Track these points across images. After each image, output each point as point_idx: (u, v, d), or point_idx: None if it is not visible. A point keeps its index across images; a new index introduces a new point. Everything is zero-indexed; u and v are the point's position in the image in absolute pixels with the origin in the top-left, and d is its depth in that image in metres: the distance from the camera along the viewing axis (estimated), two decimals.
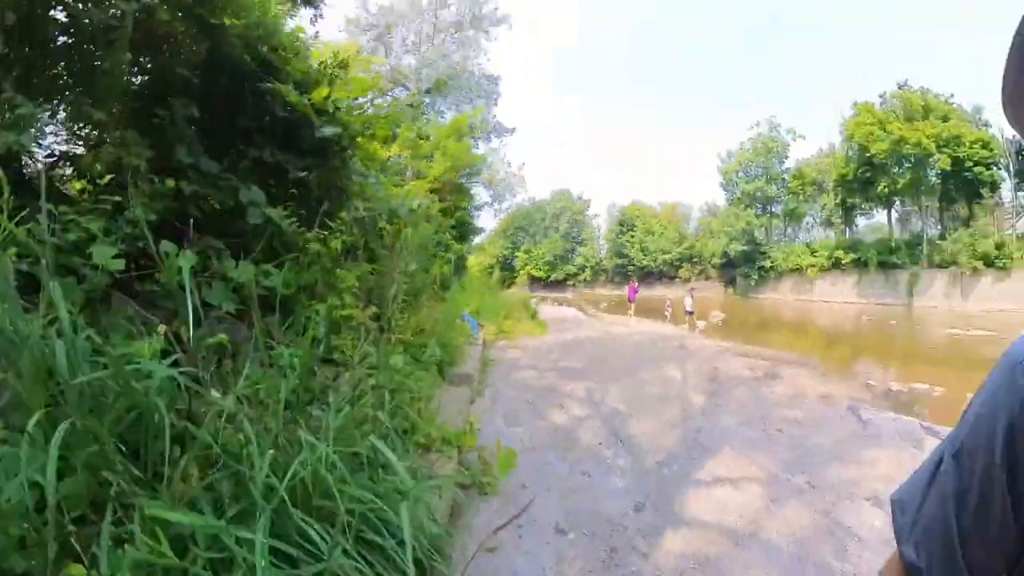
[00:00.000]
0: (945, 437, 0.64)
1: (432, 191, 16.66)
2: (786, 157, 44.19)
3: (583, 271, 56.40)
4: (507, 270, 65.02)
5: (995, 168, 31.97)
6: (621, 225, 53.35)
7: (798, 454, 4.95)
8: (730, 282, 44.28)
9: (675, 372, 8.71)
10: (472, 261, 68.22)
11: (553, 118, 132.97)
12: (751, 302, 39.17)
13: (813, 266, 38.45)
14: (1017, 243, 29.69)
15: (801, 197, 43.72)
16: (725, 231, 43.95)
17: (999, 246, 29.45)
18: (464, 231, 20.49)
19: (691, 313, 18.36)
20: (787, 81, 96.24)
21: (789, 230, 47.94)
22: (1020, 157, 31.38)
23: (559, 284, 57.21)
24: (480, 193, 35.53)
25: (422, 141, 17.77)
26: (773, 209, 45.68)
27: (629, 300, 20.57)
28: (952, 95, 32.64)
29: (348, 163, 5.13)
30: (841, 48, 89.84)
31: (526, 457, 4.57)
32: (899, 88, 33.43)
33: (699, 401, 6.89)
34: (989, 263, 29.18)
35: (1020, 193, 32.98)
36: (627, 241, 51.08)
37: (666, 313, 18.95)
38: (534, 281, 59.89)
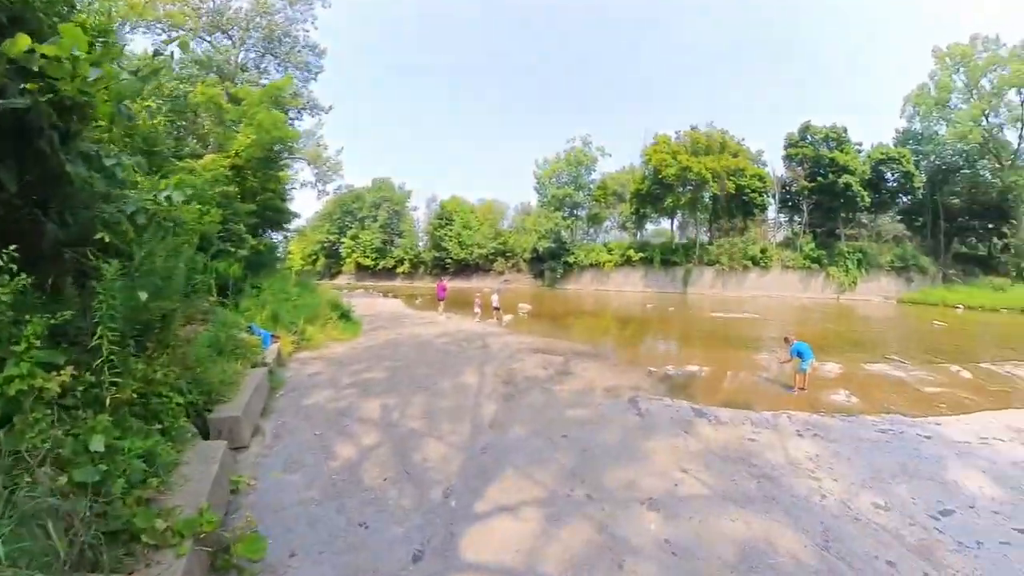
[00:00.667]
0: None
1: (234, 168, 14.50)
2: (593, 170, 51.46)
3: (402, 263, 55.24)
4: (333, 257, 60.51)
5: (765, 195, 43.33)
6: (440, 219, 53.77)
7: (581, 460, 5.48)
8: (539, 275, 48.93)
9: (473, 378, 9.06)
10: (294, 248, 60.91)
11: (377, 105, 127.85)
12: (557, 292, 44.00)
13: (609, 261, 45.97)
14: (775, 249, 42.21)
15: (603, 204, 51.80)
16: (536, 230, 48.46)
17: (763, 251, 41.39)
18: (276, 218, 18.24)
19: (498, 308, 19.56)
20: (608, 104, 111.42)
21: (591, 231, 55.77)
22: (783, 190, 43.87)
23: (388, 273, 55.49)
24: (304, 171, 32.20)
25: (228, 106, 15.11)
26: (578, 213, 52.43)
27: (439, 298, 20.79)
28: (744, 138, 44.13)
29: (71, 145, 3.81)
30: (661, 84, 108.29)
31: (301, 512, 4.19)
32: (691, 128, 43.55)
33: (491, 411, 7.23)
34: (756, 263, 40.83)
35: (780, 215, 47.49)
36: (445, 235, 51.78)
37: (476, 310, 19.61)
38: (362, 269, 57.31)
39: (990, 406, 8.78)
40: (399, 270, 54.60)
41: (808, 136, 41.87)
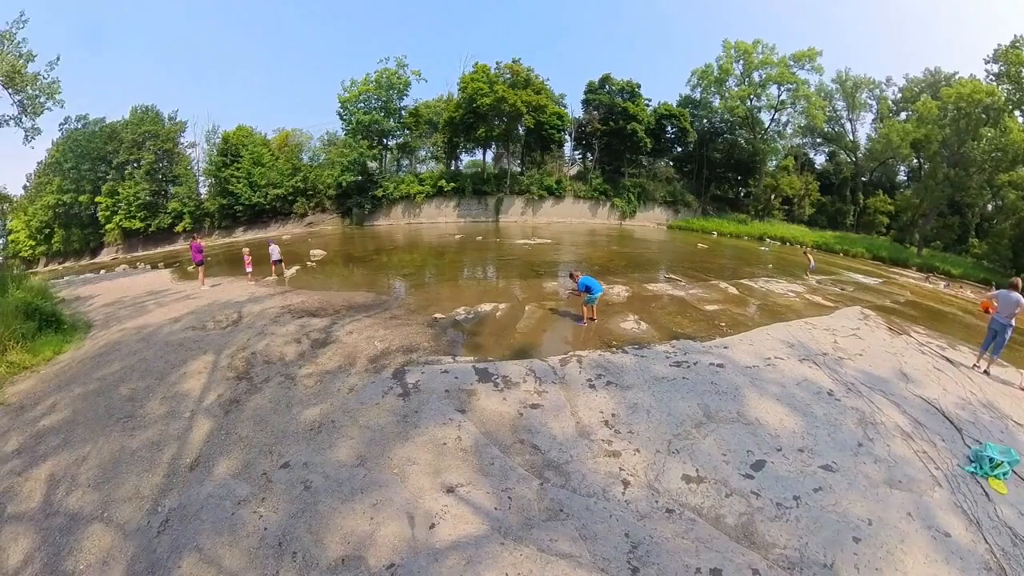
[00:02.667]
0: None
1: None
2: (406, 95, 45.42)
3: (180, 218, 41.20)
4: (84, 227, 44.10)
5: (563, 133, 48.09)
6: (224, 155, 41.57)
7: (296, 509, 4.15)
8: (346, 213, 43.27)
9: (198, 381, 6.98)
10: (16, 224, 42.68)
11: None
12: (367, 231, 39.89)
13: (420, 193, 43.31)
14: (568, 182, 48.57)
15: (416, 133, 48.01)
16: (340, 161, 42.26)
17: (558, 182, 47.11)
18: None
19: (278, 261, 16.92)
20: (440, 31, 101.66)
21: (404, 162, 51.41)
22: (579, 130, 50.17)
23: (166, 234, 41.78)
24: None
25: None
26: (388, 142, 46.86)
27: (195, 263, 15.80)
28: (548, 79, 45.38)
29: None
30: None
31: None
32: (512, 61, 43.17)
33: (201, 436, 5.51)
34: (552, 192, 46.39)
35: (575, 153, 55.56)
36: (232, 175, 40.50)
37: (247, 268, 16.26)
38: (132, 236, 42.23)
39: (761, 320, 10.18)
40: (179, 228, 40.65)
41: (607, 86, 48.52)
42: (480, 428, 5.30)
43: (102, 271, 26.23)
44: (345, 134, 44.57)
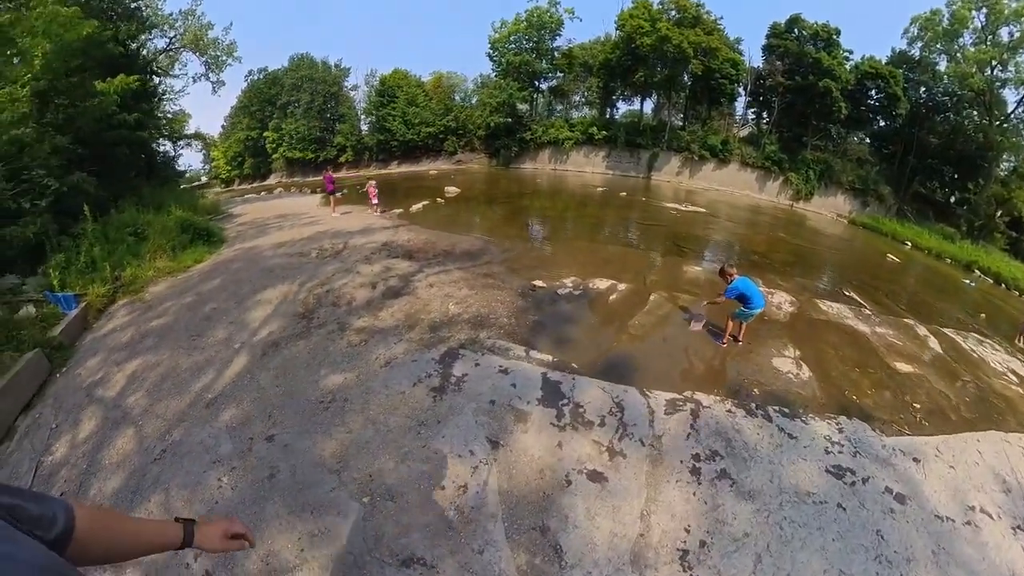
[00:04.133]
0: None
1: (38, 96, 11.11)
2: (559, 35, 42.80)
3: (344, 151, 47.60)
4: (260, 156, 53.22)
5: (736, 85, 38.32)
6: (382, 96, 45.61)
7: (245, 512, 3.56)
8: (494, 154, 43.88)
9: (264, 311, 7.08)
10: (217, 153, 54.21)
11: None
12: (511, 172, 40.05)
13: (569, 139, 41.01)
14: (736, 144, 38.63)
15: (569, 76, 44.85)
16: (489, 102, 42.18)
17: (724, 142, 38.09)
18: (131, 137, 14.59)
19: (376, 203, 16.83)
20: None
21: (558, 108, 48.98)
22: (757, 83, 39.03)
23: (331, 164, 46.64)
24: (192, 63, 26.35)
25: None
26: (540, 84, 45.28)
27: (328, 192, 17.12)
28: (721, 17, 38.34)
29: None
30: None
31: None
32: None
33: (232, 374, 5.46)
34: (715, 154, 37.87)
35: (749, 111, 43.57)
36: (388, 114, 44.45)
37: (372, 201, 16.78)
38: (295, 164, 49.42)
39: (968, 415, 6.22)
40: (342, 159, 47.59)
41: (795, 29, 36.54)
42: (500, 481, 3.85)
43: (262, 192, 30.76)
44: (495, 76, 44.17)
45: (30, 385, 5.69)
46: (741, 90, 40.29)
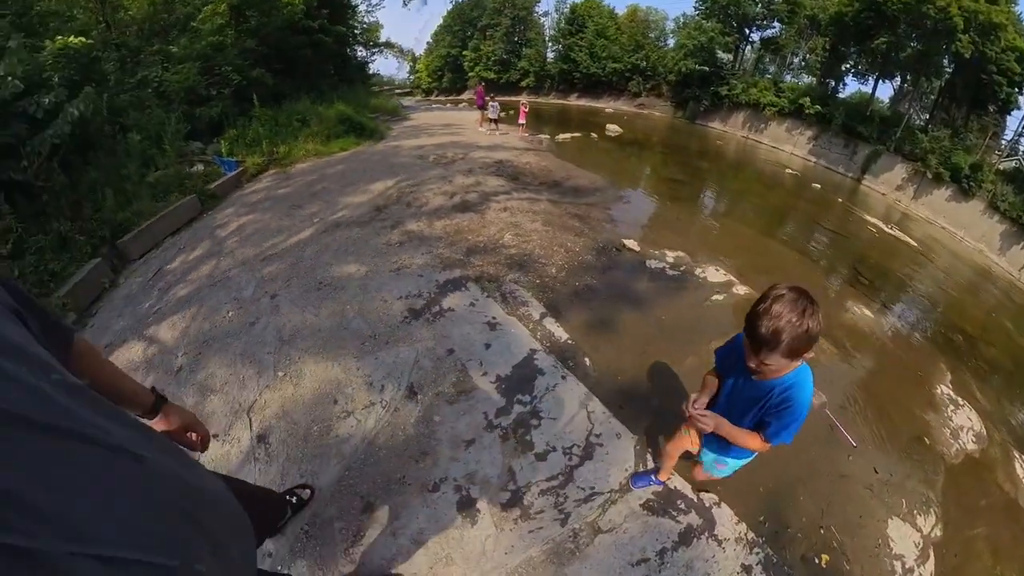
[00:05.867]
0: None
1: (233, 8, 13.38)
2: None
3: (527, 75, 48.38)
4: (458, 72, 56.88)
5: (1019, 91, 24.88)
6: (571, 24, 44.17)
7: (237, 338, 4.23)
8: (681, 104, 38.92)
9: (354, 198, 7.74)
10: (422, 65, 59.83)
11: None
12: (694, 129, 35.21)
13: (773, 107, 33.05)
14: (992, 176, 23.72)
15: (789, 30, 35.49)
16: (684, 43, 36.99)
17: (975, 167, 23.82)
18: (319, 40, 16.84)
19: (494, 120, 16.32)
20: None
21: (771, 66, 39.84)
22: None
23: (513, 87, 48.88)
24: None
25: None
26: (751, 33, 37.74)
27: (478, 107, 17.29)
28: None
29: None
30: None
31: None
32: None
33: (300, 238, 6.03)
34: (955, 179, 24.23)
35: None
36: (575, 43, 42.96)
37: (520, 121, 16.65)
38: (486, 83, 51.83)
39: None
40: (524, 83, 48.58)
41: None
42: (381, 436, 3.34)
43: (447, 104, 32.79)
44: (697, 15, 37.75)
45: (182, 218, 7.48)
46: (1023, 100, 25.79)
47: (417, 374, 3.79)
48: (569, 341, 4.35)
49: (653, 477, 3.08)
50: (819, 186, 21.70)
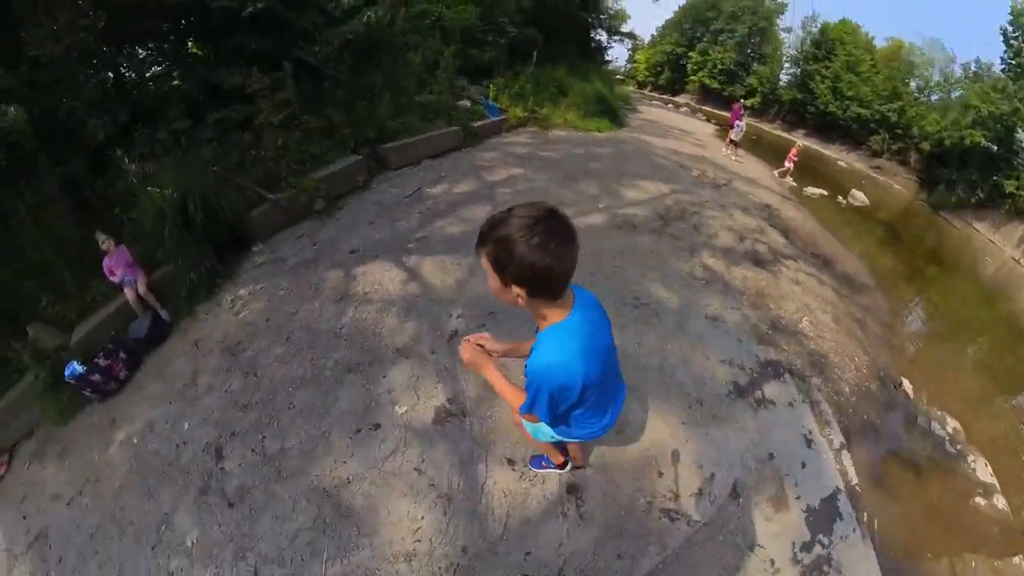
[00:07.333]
0: None
1: None
2: None
3: (752, 94, 41.51)
4: (678, 72, 52.19)
5: None
6: (817, 47, 36.03)
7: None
8: (931, 183, 27.74)
9: (633, 193, 7.10)
10: (641, 56, 56.73)
11: None
12: (938, 223, 23.50)
13: None
14: None
15: None
16: (970, 105, 26.25)
17: None
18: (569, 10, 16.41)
19: (734, 142, 13.55)
20: None
21: None
22: None
23: (736, 102, 42.83)
24: None
25: None
26: None
27: (730, 125, 14.08)
28: None
29: None
30: None
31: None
32: None
33: (582, 222, 5.46)
34: None
35: None
36: (817, 72, 34.90)
37: (786, 164, 14.20)
38: (706, 92, 46.85)
39: None
40: (748, 102, 40.94)
41: None
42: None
43: (668, 104, 30.98)
44: (1005, 68, 26.62)
45: (444, 145, 7.90)
46: None
47: (742, 471, 3.20)
48: (857, 487, 3.61)
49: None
50: None
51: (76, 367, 4.07)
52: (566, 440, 2.11)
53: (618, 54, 64.35)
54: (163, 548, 3.00)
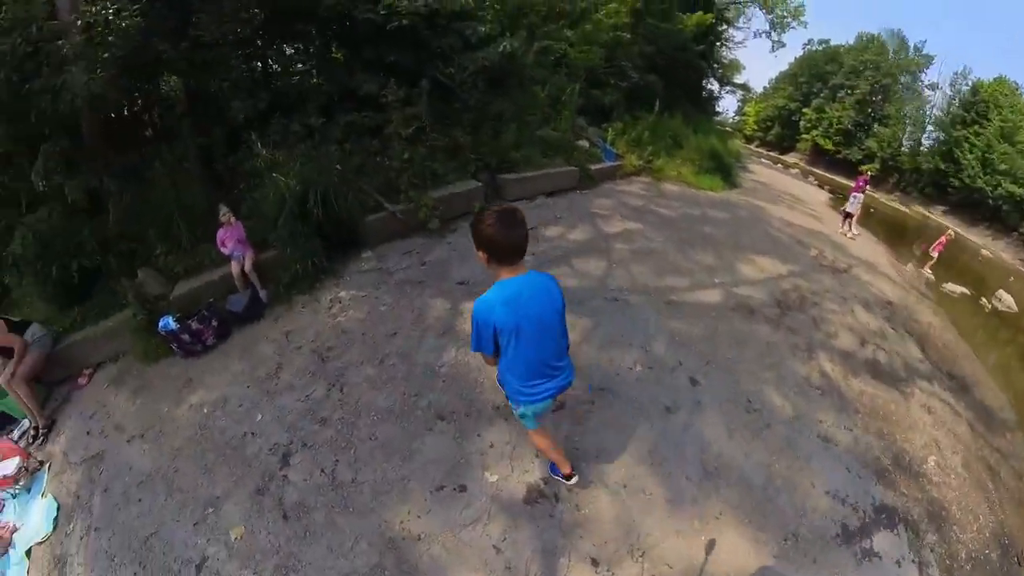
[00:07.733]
0: None
1: (634, 13, 13.44)
2: None
3: (871, 160, 36.20)
4: (789, 129, 48.14)
5: None
6: (966, 110, 30.17)
7: None
8: None
9: (751, 270, 6.61)
10: (750, 109, 53.33)
11: None
12: None
13: None
14: None
15: None
16: None
17: None
18: (687, 58, 15.86)
19: (849, 215, 11.89)
20: None
21: None
22: None
23: (848, 166, 36.56)
24: (756, 17, 26.08)
25: None
26: None
27: (852, 193, 12.04)
28: None
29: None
30: None
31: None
32: None
33: (692, 297, 5.17)
34: None
35: None
36: (964, 138, 28.96)
37: (932, 252, 13.28)
38: (818, 153, 42.28)
39: None
40: (865, 168, 33.65)
41: None
42: None
43: (777, 164, 29.08)
44: None
45: (560, 184, 7.91)
46: None
47: None
48: None
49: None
50: None
51: (170, 322, 4.31)
52: (526, 410, 2.48)
53: (727, 104, 61.77)
54: (205, 529, 2.96)
